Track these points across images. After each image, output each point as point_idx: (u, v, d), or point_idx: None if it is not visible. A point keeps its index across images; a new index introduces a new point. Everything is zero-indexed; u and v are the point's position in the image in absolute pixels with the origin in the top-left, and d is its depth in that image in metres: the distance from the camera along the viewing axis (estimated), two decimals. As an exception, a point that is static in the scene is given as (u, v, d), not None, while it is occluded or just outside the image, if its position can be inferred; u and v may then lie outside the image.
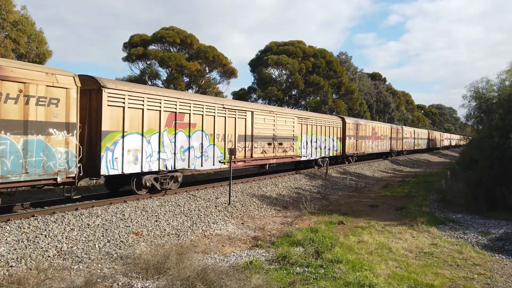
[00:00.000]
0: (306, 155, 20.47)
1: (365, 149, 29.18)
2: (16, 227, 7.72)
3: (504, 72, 15.70)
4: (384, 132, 34.07)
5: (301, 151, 19.94)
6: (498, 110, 15.05)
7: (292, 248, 8.31)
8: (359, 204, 15.03)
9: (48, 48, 22.99)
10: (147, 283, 6.15)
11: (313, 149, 21.28)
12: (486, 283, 6.92)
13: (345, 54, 48.18)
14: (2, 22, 19.80)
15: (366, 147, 29.47)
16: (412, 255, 8.38)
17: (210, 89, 31.61)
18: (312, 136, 21.17)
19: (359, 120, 29.79)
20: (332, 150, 23.93)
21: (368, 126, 30.11)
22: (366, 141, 29.41)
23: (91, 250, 7.48)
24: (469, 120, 18.22)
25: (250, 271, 6.65)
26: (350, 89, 39.76)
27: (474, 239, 9.81)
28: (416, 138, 46.40)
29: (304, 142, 20.26)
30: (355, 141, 27.26)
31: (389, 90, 59.94)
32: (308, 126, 20.73)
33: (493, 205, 13.00)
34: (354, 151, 27.09)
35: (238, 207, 12.17)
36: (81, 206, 9.69)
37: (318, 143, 21.85)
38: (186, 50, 30.91)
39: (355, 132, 27.23)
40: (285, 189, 16.08)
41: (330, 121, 23.80)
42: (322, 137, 22.42)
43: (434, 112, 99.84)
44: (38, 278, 5.70)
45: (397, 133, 38.19)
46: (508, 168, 13.18)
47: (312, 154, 21.25)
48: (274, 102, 34.53)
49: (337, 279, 6.62)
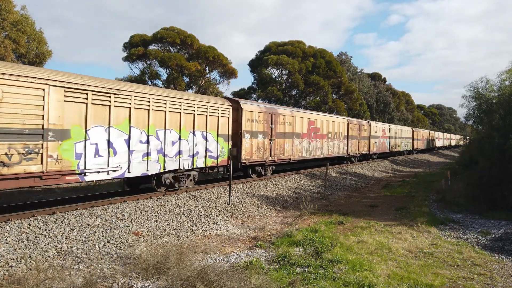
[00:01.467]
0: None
1: (291, 152, 18.87)
2: (16, 227, 7.72)
3: (504, 72, 15.71)
4: (335, 128, 24.24)
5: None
6: (498, 110, 15.05)
7: (292, 248, 8.30)
8: (359, 204, 15.02)
9: (48, 48, 23.02)
10: (147, 283, 6.15)
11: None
12: (486, 283, 6.92)
13: (345, 54, 48.22)
14: (2, 22, 19.80)
15: (294, 150, 19.21)
16: (412, 255, 8.38)
17: (210, 89, 31.62)
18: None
19: (278, 107, 19.06)
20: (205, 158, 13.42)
21: (298, 117, 19.72)
22: (294, 142, 19.16)
23: (91, 250, 7.47)
24: (469, 120, 18.24)
25: (250, 271, 6.65)
26: (350, 89, 39.78)
27: (474, 239, 9.80)
28: (394, 137, 37.28)
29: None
30: (269, 142, 16.99)
31: (389, 90, 59.96)
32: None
33: (493, 205, 13.00)
34: (258, 157, 16.31)
35: (238, 207, 12.17)
36: (81, 206, 9.69)
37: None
38: (186, 50, 30.94)
39: (266, 127, 16.83)
40: (285, 189, 16.07)
41: (213, 105, 13.71)
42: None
43: (434, 112, 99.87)
44: (38, 278, 5.70)
45: (359, 130, 28.16)
46: (508, 168, 13.18)
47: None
48: (274, 102, 34.52)
49: (337, 279, 6.62)
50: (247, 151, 15.59)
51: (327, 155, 23.02)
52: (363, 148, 29.31)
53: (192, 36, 30.25)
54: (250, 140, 15.74)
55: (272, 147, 17.33)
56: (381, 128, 33.50)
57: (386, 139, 35.03)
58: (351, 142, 26.73)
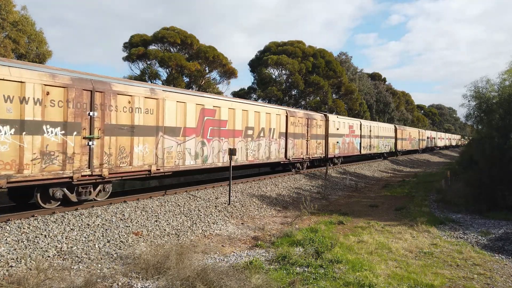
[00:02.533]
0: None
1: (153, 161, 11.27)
2: (16, 227, 7.72)
3: (505, 72, 15.70)
4: (260, 122, 16.58)
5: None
6: (498, 110, 15.04)
7: (292, 248, 8.30)
8: (359, 204, 15.02)
9: (48, 48, 23.02)
10: (147, 283, 6.15)
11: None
12: (486, 283, 6.92)
13: (345, 54, 48.20)
14: (2, 22, 19.81)
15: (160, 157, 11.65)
16: (412, 255, 8.38)
17: (210, 89, 31.63)
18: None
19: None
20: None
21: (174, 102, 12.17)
22: (158, 140, 11.99)
23: (91, 250, 7.47)
24: (469, 120, 18.21)
25: (250, 271, 6.65)
26: (350, 89, 39.79)
27: (474, 239, 9.80)
28: (367, 136, 29.73)
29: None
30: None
31: (389, 90, 59.95)
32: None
33: (493, 205, 13.00)
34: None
35: (238, 207, 12.17)
36: (81, 206, 9.69)
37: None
38: (186, 50, 30.95)
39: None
40: (285, 189, 16.07)
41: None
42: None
43: (434, 112, 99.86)
44: (38, 278, 5.70)
45: (307, 126, 20.67)
46: (508, 168, 13.17)
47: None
48: (274, 102, 34.53)
49: (337, 279, 6.62)
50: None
51: (244, 161, 15.58)
52: (315, 151, 21.57)
53: (192, 36, 30.26)
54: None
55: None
56: (347, 124, 25.93)
57: (355, 139, 27.51)
58: (294, 142, 19.22)
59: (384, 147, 34.54)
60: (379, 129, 33.23)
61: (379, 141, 32.99)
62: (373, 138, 31.22)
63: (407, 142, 42.46)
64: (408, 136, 42.83)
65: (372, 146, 31.15)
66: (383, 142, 34.07)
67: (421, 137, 49.73)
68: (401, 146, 39.93)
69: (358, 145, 28.39)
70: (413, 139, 45.51)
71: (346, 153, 26.01)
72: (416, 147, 46.77)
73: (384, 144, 34.43)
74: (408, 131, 43.42)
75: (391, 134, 36.69)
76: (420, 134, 49.14)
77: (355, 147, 27.60)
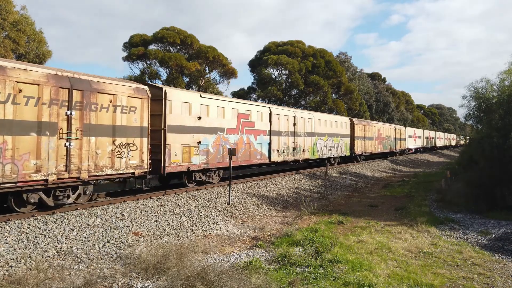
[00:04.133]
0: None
1: None
2: (16, 227, 7.72)
3: (504, 72, 15.72)
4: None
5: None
6: (498, 110, 15.05)
7: (292, 248, 8.31)
8: (359, 204, 15.03)
9: (48, 48, 23.00)
10: (147, 283, 6.15)
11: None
12: (486, 283, 6.92)
13: (345, 54, 48.22)
14: (2, 22, 19.80)
15: None
16: (411, 255, 8.38)
17: (210, 89, 31.63)
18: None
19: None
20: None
21: None
22: None
23: (91, 250, 7.47)
24: (468, 120, 18.24)
25: (250, 271, 6.65)
26: (349, 89, 39.79)
27: (474, 239, 9.81)
28: (284, 133, 19.27)
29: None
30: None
31: (389, 90, 59.97)
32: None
33: (493, 205, 13.00)
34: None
35: (238, 207, 12.17)
36: (81, 206, 9.69)
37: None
38: (186, 50, 30.94)
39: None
40: (284, 189, 16.07)
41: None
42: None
43: (434, 112, 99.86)
44: (38, 278, 5.70)
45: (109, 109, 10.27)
46: (508, 168, 13.18)
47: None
48: (274, 102, 34.54)
49: (337, 279, 6.62)
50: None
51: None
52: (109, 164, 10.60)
53: (192, 36, 30.25)
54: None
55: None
56: (230, 111, 15.38)
57: (258, 137, 17.02)
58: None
59: (328, 149, 24.14)
60: (314, 122, 22.24)
61: (317, 140, 22.49)
62: (301, 136, 20.88)
63: (374, 142, 32.14)
64: (375, 134, 32.23)
65: (298, 148, 20.44)
66: (325, 143, 23.70)
67: (399, 135, 39.75)
68: (362, 147, 29.19)
69: (265, 147, 17.54)
70: (386, 139, 35.40)
71: (217, 164, 14.38)
72: (391, 149, 36.79)
73: (327, 145, 24.08)
74: (375, 127, 32.49)
75: (342, 130, 26.42)
76: (398, 132, 39.13)
77: (257, 151, 16.91)
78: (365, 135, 30.17)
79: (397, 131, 38.91)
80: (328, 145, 24.23)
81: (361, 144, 29.26)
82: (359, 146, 28.69)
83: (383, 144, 34.64)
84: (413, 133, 46.94)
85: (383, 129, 34.86)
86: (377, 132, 33.19)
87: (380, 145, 33.83)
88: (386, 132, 35.62)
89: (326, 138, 23.98)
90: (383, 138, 34.79)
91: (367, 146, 30.49)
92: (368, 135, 30.75)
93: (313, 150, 22.16)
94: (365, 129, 30.25)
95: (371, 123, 32.18)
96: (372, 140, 31.69)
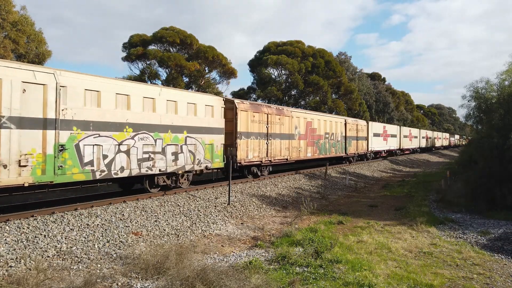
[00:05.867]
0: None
1: None
2: (15, 227, 7.72)
3: (504, 72, 15.73)
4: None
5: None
6: (497, 110, 15.06)
7: (292, 248, 8.30)
8: (359, 204, 15.03)
9: (47, 48, 23.02)
10: (147, 283, 6.15)
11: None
12: (486, 283, 6.92)
13: (345, 54, 48.23)
14: (1, 22, 19.79)
15: None
16: (411, 255, 8.38)
17: (210, 89, 31.63)
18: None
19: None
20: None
21: None
22: None
23: (91, 250, 7.47)
24: (468, 120, 18.25)
25: (249, 271, 6.65)
26: (349, 89, 39.79)
27: (474, 239, 9.81)
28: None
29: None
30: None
31: (389, 90, 59.98)
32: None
33: (493, 205, 13.00)
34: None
35: (237, 207, 12.17)
36: (81, 206, 9.69)
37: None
38: (185, 50, 30.95)
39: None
40: (284, 189, 16.07)
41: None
42: None
43: (434, 112, 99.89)
44: (38, 278, 5.69)
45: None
46: (507, 168, 13.19)
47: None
48: (273, 102, 34.55)
49: (337, 279, 6.62)
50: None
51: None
52: None
53: (191, 36, 30.25)
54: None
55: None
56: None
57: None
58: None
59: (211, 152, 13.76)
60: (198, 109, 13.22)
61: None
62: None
63: (297, 142, 19.83)
64: (298, 131, 19.85)
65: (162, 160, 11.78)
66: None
67: (355, 133, 27.75)
68: (240, 155, 15.16)
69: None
70: (326, 138, 23.26)
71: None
72: (339, 152, 25.02)
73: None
74: (300, 118, 20.26)
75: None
76: (352, 127, 27.16)
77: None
78: (270, 130, 17.32)
79: (350, 126, 26.88)
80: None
81: (256, 147, 16.28)
82: (240, 152, 15.10)
83: (318, 146, 22.27)
84: (383, 130, 34.31)
85: (319, 122, 22.39)
86: (305, 126, 20.62)
87: (312, 147, 21.37)
88: (327, 127, 23.34)
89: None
90: (319, 137, 22.37)
91: (274, 150, 17.61)
92: (277, 131, 17.88)
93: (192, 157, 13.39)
94: (270, 120, 17.32)
95: (287, 111, 19.09)
96: (290, 140, 19.08)
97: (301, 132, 20.33)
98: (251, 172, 16.85)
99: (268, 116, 17.35)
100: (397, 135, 39.24)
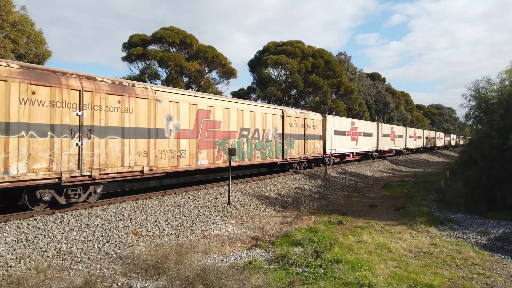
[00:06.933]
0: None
1: None
2: (15, 227, 7.72)
3: (504, 71, 15.73)
4: None
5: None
6: (498, 110, 15.06)
7: (292, 248, 8.31)
8: (358, 204, 15.03)
9: (47, 49, 23.01)
10: (147, 283, 6.15)
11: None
12: (485, 282, 6.92)
13: (344, 54, 48.21)
14: (1, 22, 19.79)
15: None
16: (411, 255, 8.39)
17: (210, 89, 31.63)
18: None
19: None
20: None
21: None
22: None
23: (90, 250, 7.47)
24: (468, 120, 18.25)
25: (249, 271, 6.65)
26: (349, 89, 39.78)
27: (473, 239, 9.81)
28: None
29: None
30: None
31: (388, 90, 59.97)
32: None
33: (493, 205, 13.00)
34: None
35: (237, 207, 12.17)
36: (80, 206, 9.69)
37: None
38: (185, 50, 30.94)
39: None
40: (284, 189, 16.07)
41: None
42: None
43: (433, 112, 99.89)
44: (37, 279, 5.69)
45: None
46: (507, 168, 13.19)
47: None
48: (273, 102, 34.54)
49: (337, 279, 6.62)
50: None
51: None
52: None
53: (191, 36, 30.24)
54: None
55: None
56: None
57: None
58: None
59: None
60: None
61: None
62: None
63: (191, 142, 12.75)
64: (170, 121, 11.90)
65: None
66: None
67: (302, 131, 20.38)
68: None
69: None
70: (253, 136, 16.23)
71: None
72: (269, 157, 17.37)
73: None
74: (177, 100, 12.22)
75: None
76: (297, 122, 19.96)
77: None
78: (90, 121, 9.54)
79: (292, 121, 19.46)
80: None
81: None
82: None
83: (226, 149, 14.36)
84: (350, 128, 27.52)
85: (229, 112, 14.80)
86: (195, 117, 13.11)
87: (212, 150, 13.82)
88: (245, 121, 15.82)
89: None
90: (227, 134, 14.73)
91: (98, 156, 9.75)
92: (114, 124, 10.21)
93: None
94: (88, 102, 9.45)
95: (144, 89, 11.10)
96: (152, 138, 11.39)
97: (182, 126, 12.49)
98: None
99: (81, 94, 9.25)
100: (373, 133, 32.69)
